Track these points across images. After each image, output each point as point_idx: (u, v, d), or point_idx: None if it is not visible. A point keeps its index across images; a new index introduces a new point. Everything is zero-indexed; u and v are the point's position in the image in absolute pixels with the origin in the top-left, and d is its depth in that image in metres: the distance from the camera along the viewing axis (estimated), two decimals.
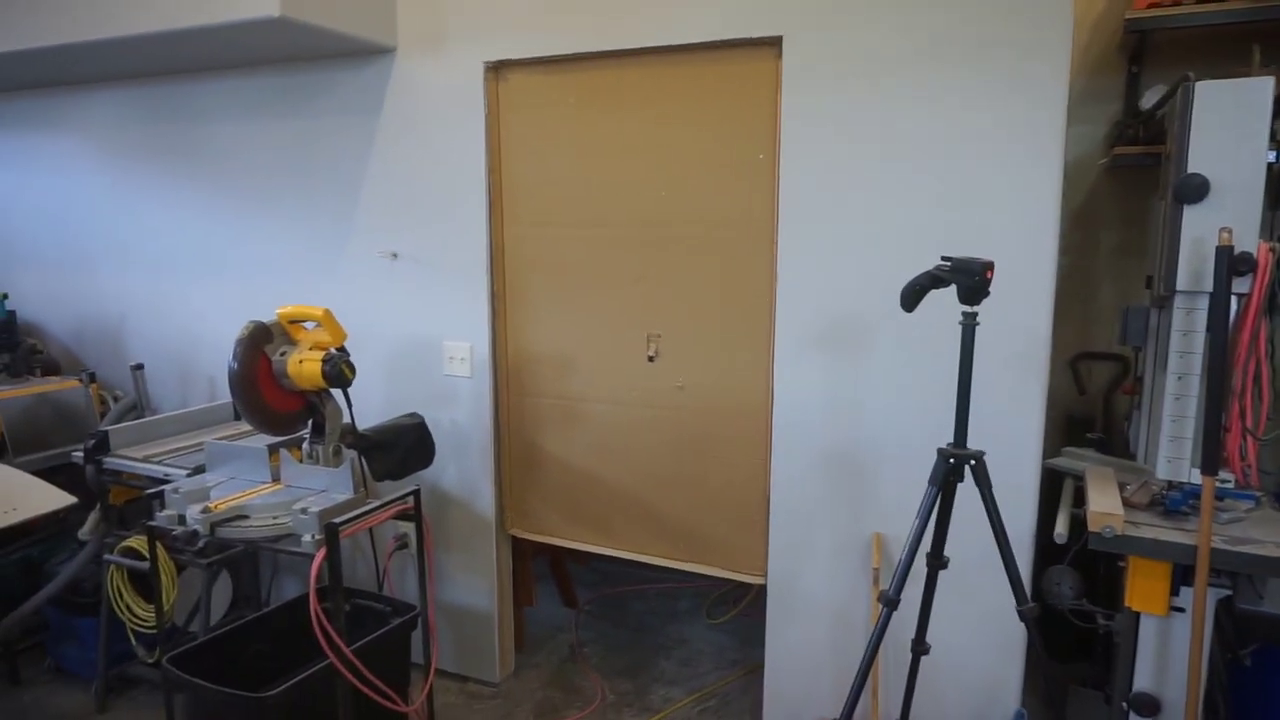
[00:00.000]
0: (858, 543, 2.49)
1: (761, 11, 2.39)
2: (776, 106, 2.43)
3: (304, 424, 2.56)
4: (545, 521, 3.00)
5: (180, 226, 3.46)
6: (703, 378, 2.66)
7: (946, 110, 2.24)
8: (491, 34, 2.75)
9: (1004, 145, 2.19)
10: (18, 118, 3.83)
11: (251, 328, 2.40)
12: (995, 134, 2.20)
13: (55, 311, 3.86)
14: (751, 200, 2.51)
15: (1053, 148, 2.15)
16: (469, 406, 2.99)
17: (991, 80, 2.18)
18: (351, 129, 3.02)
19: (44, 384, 3.37)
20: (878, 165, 2.32)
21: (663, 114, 2.60)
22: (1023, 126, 2.17)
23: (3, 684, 3.17)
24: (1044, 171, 2.17)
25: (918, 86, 2.25)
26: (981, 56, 2.19)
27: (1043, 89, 2.14)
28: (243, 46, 2.89)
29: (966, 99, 2.21)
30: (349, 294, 3.09)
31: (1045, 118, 2.15)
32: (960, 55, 2.21)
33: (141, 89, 3.44)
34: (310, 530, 2.25)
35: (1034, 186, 2.18)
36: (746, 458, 2.63)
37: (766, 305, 2.52)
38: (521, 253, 2.88)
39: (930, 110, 2.25)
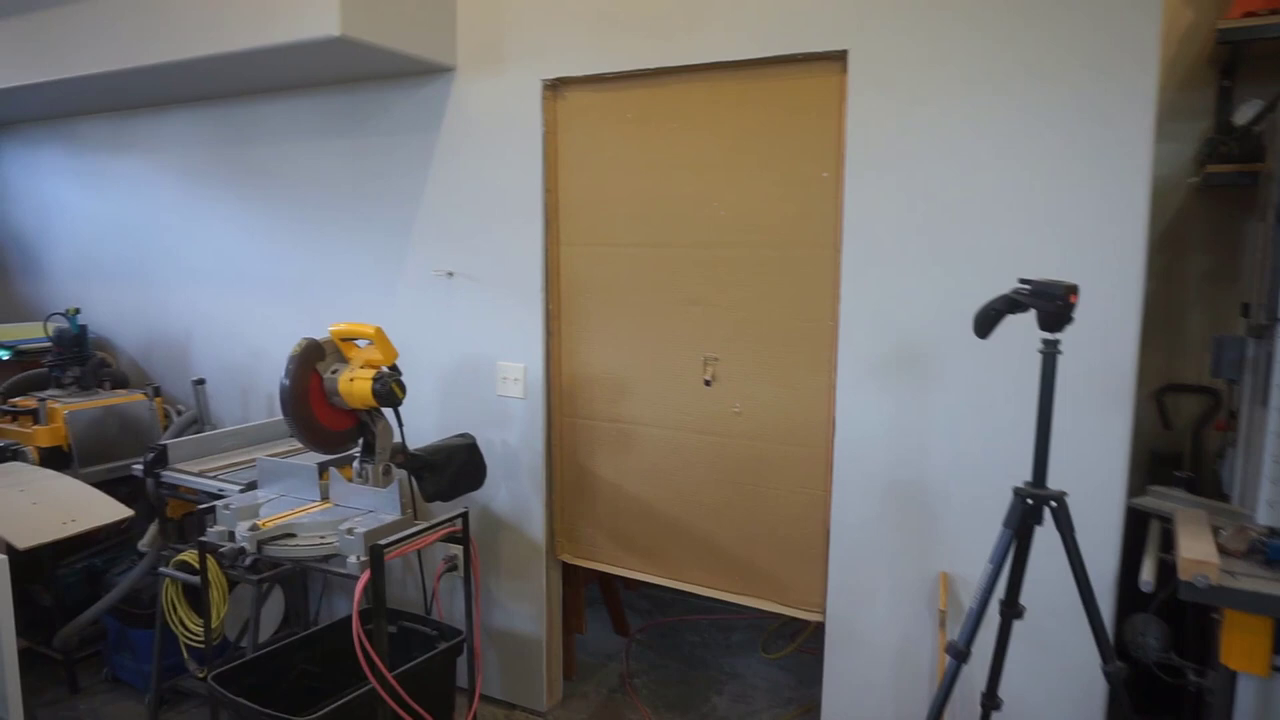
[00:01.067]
0: (923, 582, 2.35)
1: (826, 25, 2.31)
2: (841, 123, 2.34)
3: (355, 442, 2.54)
4: (596, 548, 2.93)
5: (243, 244, 3.51)
6: (761, 403, 2.56)
7: (1022, 125, 2.12)
8: (550, 52, 2.72)
9: (1086, 163, 2.06)
10: (95, 139, 3.95)
11: (304, 345, 2.39)
12: (1077, 151, 2.07)
13: (125, 326, 3.96)
14: (814, 219, 2.42)
15: (1139, 166, 2.01)
16: (521, 428, 2.94)
17: (1073, 95, 2.06)
18: (410, 148, 3.02)
19: (112, 397, 3.44)
20: (949, 183, 2.21)
21: (722, 131, 2.52)
22: (1107, 143, 2.03)
23: (61, 691, 3.22)
24: (1130, 191, 2.03)
25: (992, 101, 2.14)
26: (1062, 69, 2.06)
27: (1128, 104, 2.01)
28: (305, 67, 2.93)
29: (1044, 114, 2.09)
30: (405, 312, 3.09)
31: (1131, 134, 2.01)
32: (1038, 68, 2.09)
33: (209, 110, 3.52)
34: (355, 551, 2.21)
35: (1119, 206, 2.04)
36: (805, 488, 2.52)
37: (829, 329, 2.42)
38: (577, 272, 2.83)
39: (1005, 125, 2.13)
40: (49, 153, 4.18)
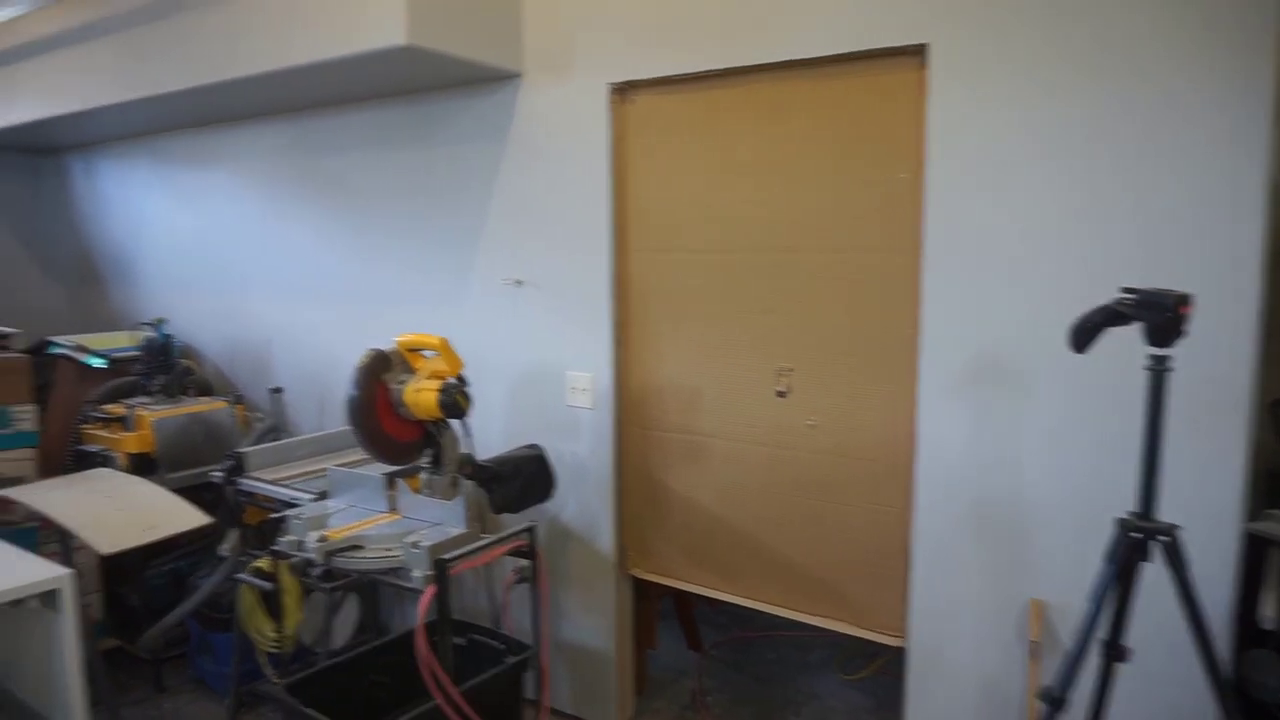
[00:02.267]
0: (1013, 609, 2.20)
1: (904, 18, 2.18)
2: (921, 121, 2.21)
3: (422, 453, 2.52)
4: (667, 562, 2.85)
5: (318, 252, 3.56)
6: (837, 416, 2.45)
7: (1123, 120, 1.95)
8: (617, 55, 2.66)
9: (1197, 161, 1.89)
10: (182, 154, 4.08)
11: (370, 356, 2.39)
12: (1186, 147, 1.89)
13: (209, 335, 4.07)
14: (892, 223, 2.29)
15: (1255, 163, 1.83)
16: (590, 439, 2.89)
17: (1181, 86, 1.89)
18: (477, 156, 3.00)
19: (196, 404, 3.53)
20: (1041, 183, 2.06)
21: (795, 132, 2.42)
22: (1219, 139, 1.86)
23: (149, 690, 3.31)
24: (1246, 192, 1.84)
25: (1088, 95, 1.98)
26: (1169, 59, 1.90)
27: (1243, 96, 1.83)
28: (374, 78, 2.94)
29: (1148, 107, 1.92)
30: (474, 321, 3.07)
31: (1247, 129, 1.83)
32: (1141, 58, 1.92)
33: (285, 123, 3.58)
34: (420, 565, 2.19)
35: (1233, 209, 1.86)
36: (885, 506, 2.39)
37: (909, 339, 2.29)
38: (645, 280, 2.76)
39: (1104, 120, 1.97)
40: (140, 167, 4.34)
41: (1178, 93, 1.89)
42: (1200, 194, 1.89)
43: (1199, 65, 1.86)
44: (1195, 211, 1.89)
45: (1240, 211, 1.85)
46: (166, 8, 3.11)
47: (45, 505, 2.65)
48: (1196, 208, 1.89)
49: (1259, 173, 1.83)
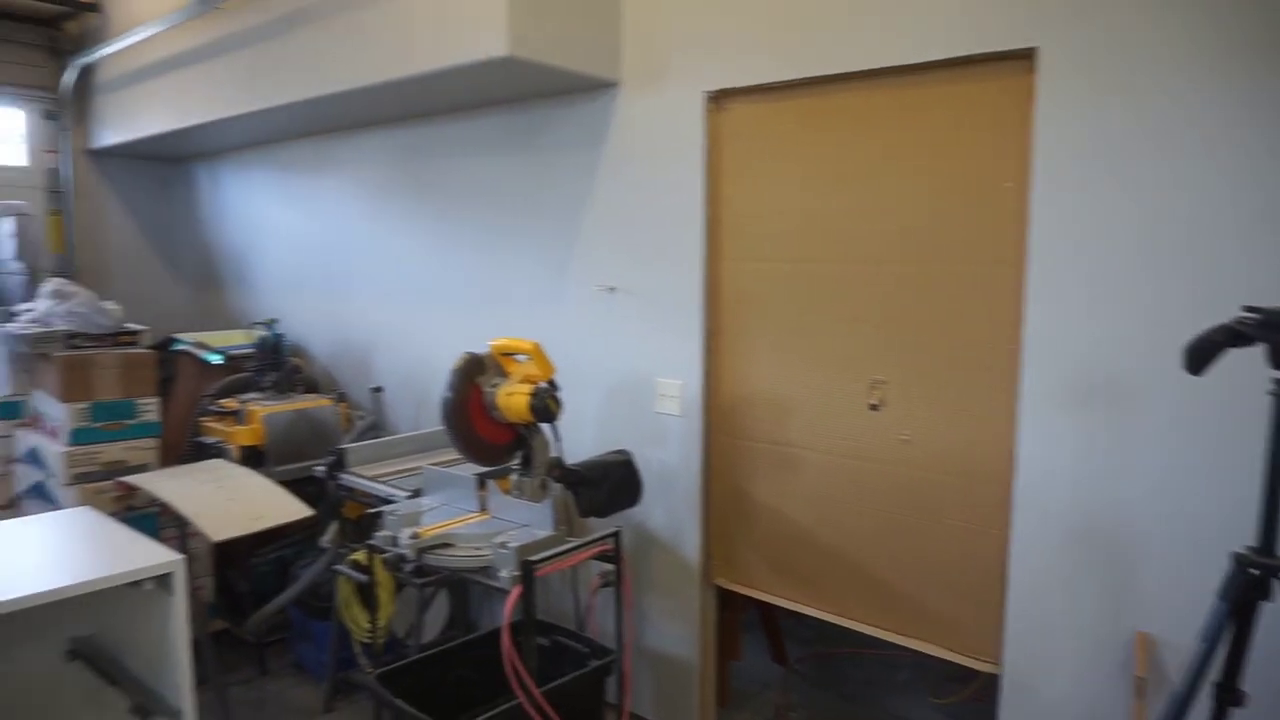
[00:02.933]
0: (1117, 640, 2.09)
1: (1012, 21, 2.11)
2: (1028, 128, 2.13)
3: (513, 456, 2.57)
4: (752, 573, 2.83)
5: (420, 257, 3.68)
6: (932, 432, 2.38)
7: (1250, 126, 1.83)
8: (713, 63, 2.66)
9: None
10: (296, 161, 4.28)
11: (465, 359, 2.45)
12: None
13: (318, 334, 4.25)
14: (995, 233, 2.22)
15: None
16: (679, 446, 2.89)
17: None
18: (574, 164, 3.04)
19: (303, 401, 3.69)
20: (1155, 193, 1.95)
21: (893, 140, 2.37)
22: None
23: (253, 672, 3.48)
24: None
25: (1214, 97, 1.87)
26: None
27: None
28: (477, 88, 3.03)
29: (1277, 110, 1.80)
30: (567, 327, 3.12)
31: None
32: (1272, 59, 1.80)
33: (394, 131, 3.71)
34: (507, 566, 2.23)
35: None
36: (981, 526, 2.31)
37: (1010, 353, 2.21)
38: (738, 289, 2.75)
39: (1226, 127, 1.86)
40: (260, 174, 4.57)
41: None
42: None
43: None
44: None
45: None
46: (283, 27, 3.28)
47: (164, 492, 2.82)
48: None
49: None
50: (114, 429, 3.29)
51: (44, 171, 4.82)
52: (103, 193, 5.03)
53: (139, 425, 3.37)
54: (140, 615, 1.88)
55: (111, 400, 3.29)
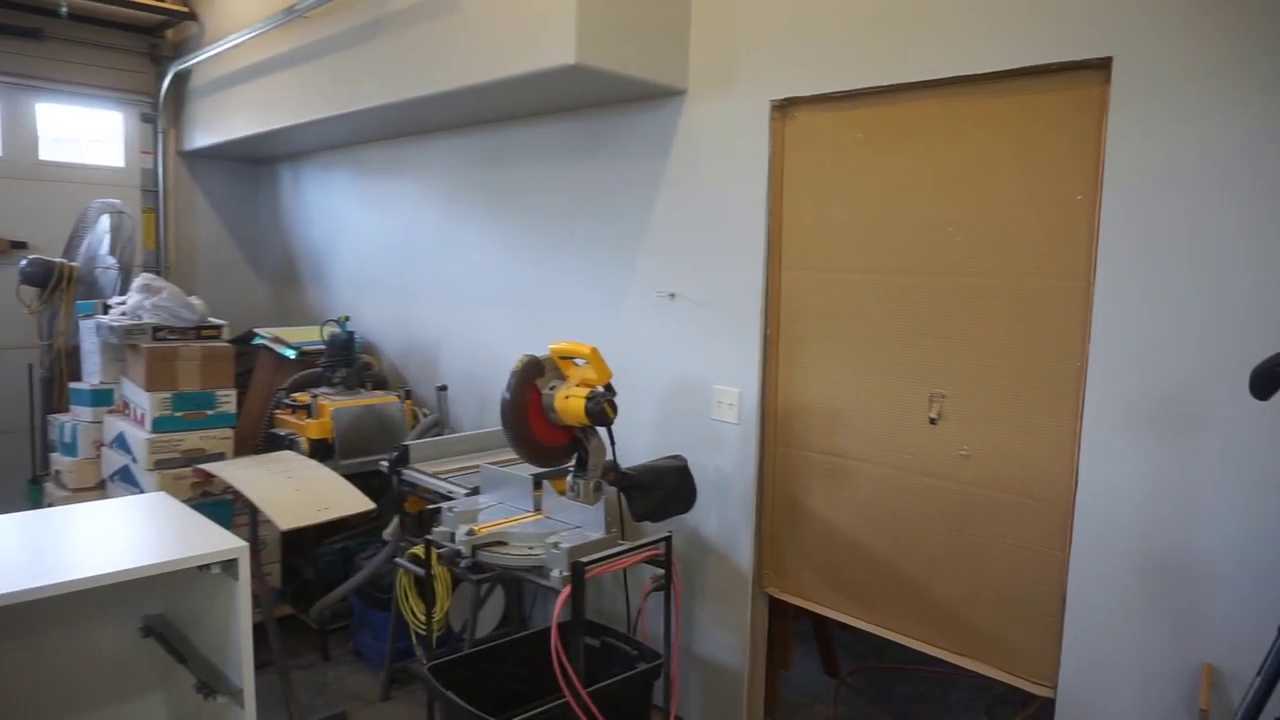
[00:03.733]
0: (1181, 671, 2.01)
1: (1086, 30, 2.06)
2: (1100, 140, 2.07)
3: (569, 458, 2.61)
4: (804, 584, 2.81)
5: (486, 259, 3.76)
6: (992, 448, 2.33)
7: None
8: (780, 72, 2.66)
9: None
10: (375, 164, 4.42)
11: (525, 361, 2.50)
12: None
13: (388, 333, 4.38)
14: (1063, 248, 2.16)
15: None
16: (734, 454, 2.89)
17: None
18: (640, 171, 3.07)
19: (371, 397, 3.80)
20: (1231, 209, 1.88)
21: (959, 151, 2.33)
22: None
23: (315, 658, 3.60)
24: None
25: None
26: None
27: None
28: (545, 95, 3.08)
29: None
30: (628, 331, 3.15)
31: None
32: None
33: (466, 137, 3.81)
34: (558, 565, 2.26)
35: None
36: (1039, 546, 2.25)
37: (1075, 370, 2.15)
38: (798, 298, 2.74)
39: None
40: (339, 176, 4.73)
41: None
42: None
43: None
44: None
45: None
46: (363, 35, 3.40)
47: (237, 480, 2.94)
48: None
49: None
50: (194, 418, 3.45)
51: (140, 171, 5.09)
52: (193, 192, 5.28)
53: (217, 415, 3.52)
54: (207, 598, 1.98)
55: (192, 391, 3.45)
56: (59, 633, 2.09)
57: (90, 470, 3.73)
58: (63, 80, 4.71)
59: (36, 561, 1.80)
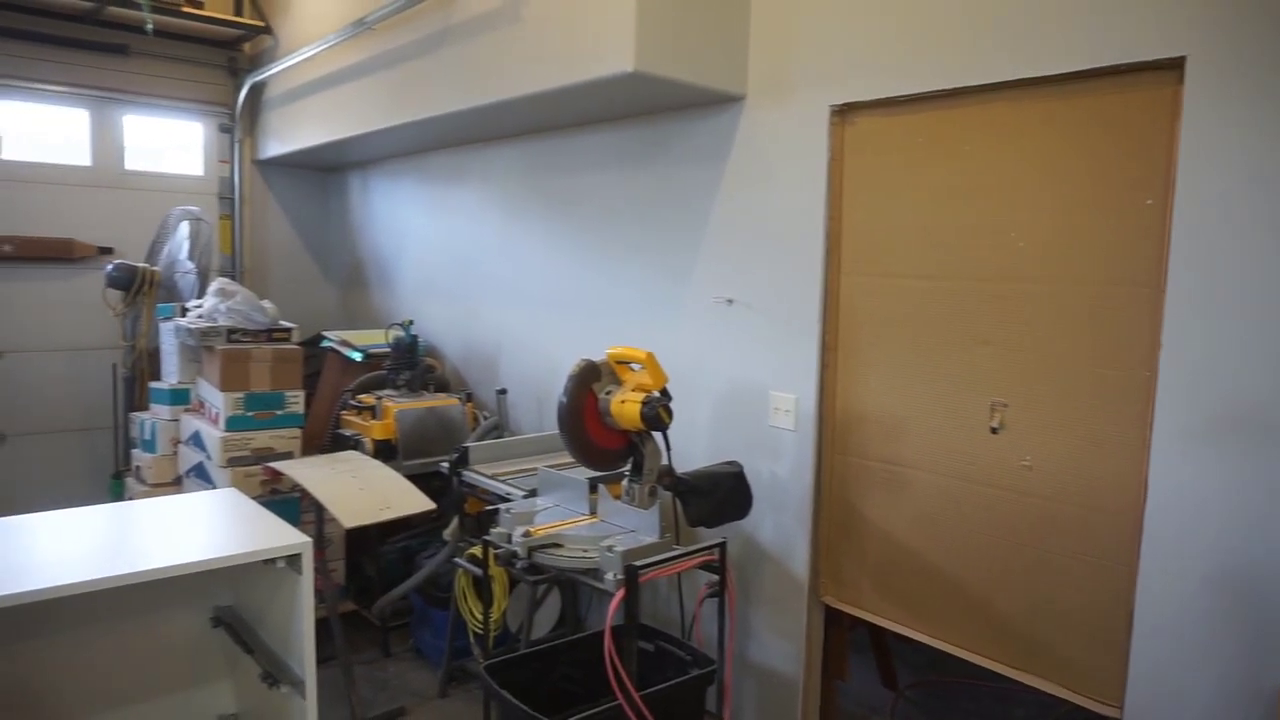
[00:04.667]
0: (1257, 697, 1.93)
1: (1157, 29, 2.00)
2: (1173, 142, 2.01)
3: (624, 462, 2.63)
4: (861, 594, 2.77)
5: (546, 265, 3.81)
6: (1056, 458, 2.27)
7: None
8: (840, 76, 2.64)
9: None
10: (439, 171, 4.51)
11: (582, 366, 2.52)
12: None
13: (451, 336, 4.46)
14: (1131, 253, 2.10)
15: None
16: (790, 460, 2.87)
17: None
18: (698, 177, 3.08)
19: (434, 399, 3.89)
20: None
21: (1023, 155, 2.29)
22: None
23: (377, 654, 3.68)
24: None
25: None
26: None
27: None
28: (604, 102, 3.11)
29: None
30: (685, 336, 3.15)
31: None
32: None
33: (526, 144, 3.87)
34: (613, 568, 2.28)
35: None
36: (1105, 560, 2.18)
37: (1144, 379, 2.08)
38: (856, 304, 2.71)
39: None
40: (405, 183, 4.85)
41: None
42: None
43: None
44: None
45: None
46: (429, 45, 3.48)
47: (304, 479, 3.03)
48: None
49: None
50: (264, 418, 3.57)
51: (218, 179, 5.28)
52: (266, 199, 5.47)
53: (286, 415, 3.63)
54: (273, 591, 2.04)
55: (263, 391, 3.56)
56: (136, 620, 2.19)
57: (168, 466, 3.89)
58: (147, 93, 4.92)
59: (116, 552, 1.89)
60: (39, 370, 4.70)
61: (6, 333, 4.60)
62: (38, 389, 4.70)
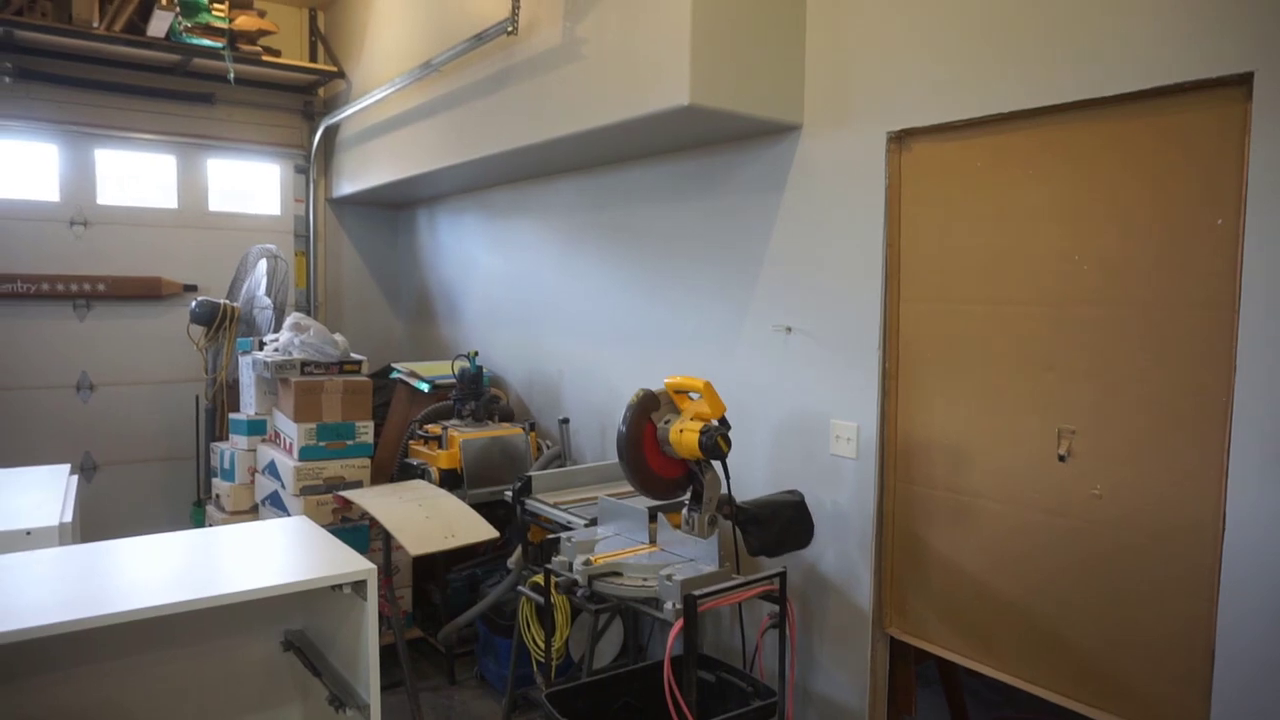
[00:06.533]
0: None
1: (1223, 45, 1.95)
2: (1243, 160, 1.95)
3: (683, 491, 2.63)
4: (926, 625, 2.71)
5: (606, 295, 3.86)
6: (1127, 487, 2.20)
7: None
8: (895, 103, 2.64)
9: None
10: (501, 206, 4.63)
11: (641, 395, 2.55)
12: None
13: (515, 366, 4.54)
14: (1202, 275, 2.04)
15: None
16: (852, 489, 2.84)
17: None
18: (756, 206, 3.10)
19: (498, 429, 3.95)
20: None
21: (1085, 176, 2.25)
22: None
23: (442, 680, 3.73)
24: None
25: None
26: None
27: None
28: (661, 135, 3.16)
29: None
30: (744, 365, 3.16)
31: None
32: None
33: (585, 178, 3.94)
34: (672, 598, 2.28)
35: None
36: (1182, 593, 2.10)
37: (1219, 405, 2.01)
38: (917, 330, 2.68)
39: None
40: (469, 218, 4.98)
41: None
42: None
43: None
44: None
45: None
46: (491, 85, 3.59)
47: (372, 508, 3.12)
48: None
49: None
50: (336, 448, 3.68)
51: (293, 218, 5.51)
52: (339, 236, 5.67)
53: (356, 445, 3.74)
54: (341, 616, 2.10)
55: (335, 422, 3.68)
56: (213, 643, 2.27)
57: (245, 495, 4.03)
58: (229, 138, 5.18)
59: (195, 577, 1.97)
60: (128, 402, 4.95)
61: (99, 367, 4.86)
62: (127, 421, 4.94)
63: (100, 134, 4.79)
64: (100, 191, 4.86)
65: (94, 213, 4.82)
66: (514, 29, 3.36)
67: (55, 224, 4.73)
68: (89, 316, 4.82)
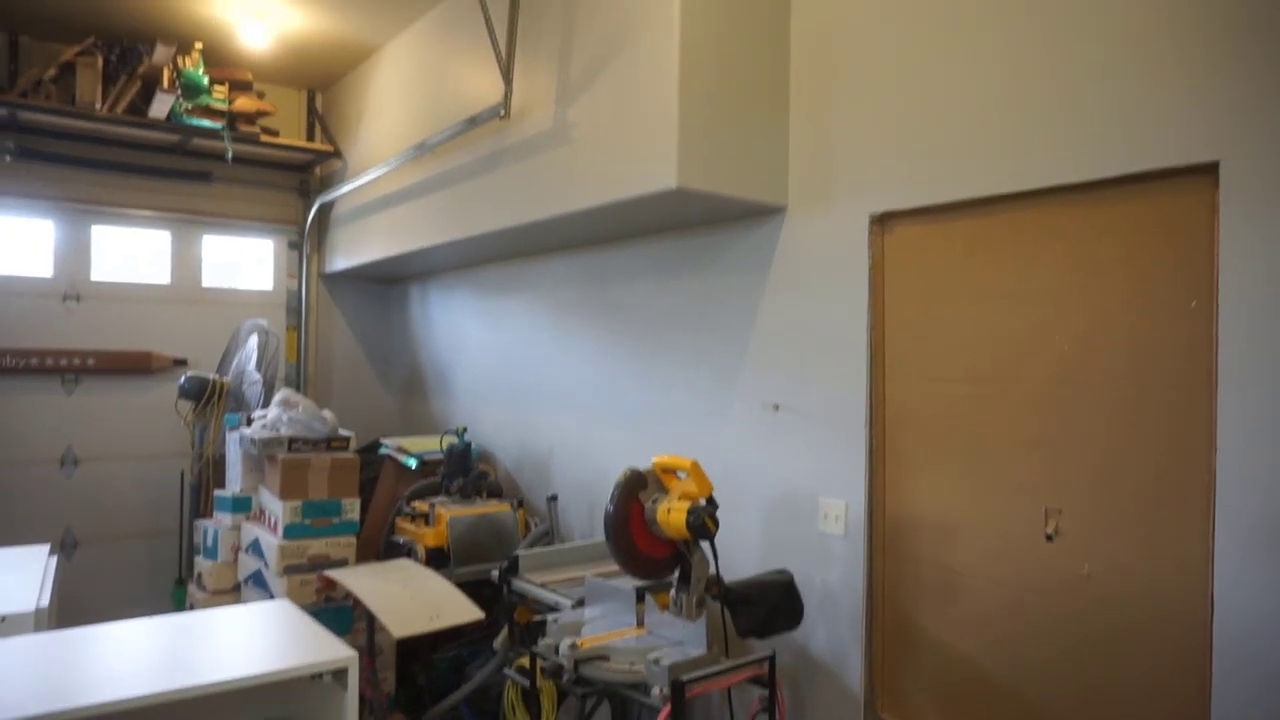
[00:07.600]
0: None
1: (1190, 134, 2.02)
2: (1213, 244, 2.01)
3: (671, 571, 2.61)
4: (919, 708, 2.66)
5: (597, 374, 3.88)
6: (1116, 567, 2.19)
7: None
8: (878, 185, 2.71)
9: None
10: (493, 283, 4.68)
11: (628, 474, 2.54)
12: None
13: (504, 442, 4.53)
14: (1180, 355, 2.08)
15: None
16: (841, 568, 2.82)
17: None
18: (742, 285, 3.15)
19: (486, 506, 3.92)
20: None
21: (1064, 259, 2.30)
22: None
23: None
24: None
25: None
26: None
27: None
28: (650, 216, 3.23)
29: None
30: (732, 443, 3.16)
31: None
32: None
33: (575, 257, 4.01)
34: (659, 683, 2.25)
35: None
36: (1176, 675, 2.08)
37: (1203, 484, 2.02)
38: (903, 409, 2.70)
39: None
40: (460, 294, 5.03)
41: None
42: None
43: None
44: None
45: None
46: (484, 166, 3.67)
47: (357, 589, 3.07)
48: None
49: None
50: (321, 525, 3.64)
51: (286, 293, 5.55)
52: (331, 310, 5.71)
53: (342, 523, 3.70)
54: (321, 703, 2.05)
55: (321, 499, 3.65)
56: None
57: (228, 573, 3.97)
58: (224, 214, 5.25)
59: (172, 666, 1.93)
60: (113, 477, 4.90)
61: (85, 442, 4.82)
62: (111, 496, 4.88)
63: (97, 211, 4.85)
64: (95, 267, 4.89)
65: (87, 288, 4.85)
66: (506, 113, 3.45)
67: (48, 299, 4.75)
68: (77, 391, 4.81)
